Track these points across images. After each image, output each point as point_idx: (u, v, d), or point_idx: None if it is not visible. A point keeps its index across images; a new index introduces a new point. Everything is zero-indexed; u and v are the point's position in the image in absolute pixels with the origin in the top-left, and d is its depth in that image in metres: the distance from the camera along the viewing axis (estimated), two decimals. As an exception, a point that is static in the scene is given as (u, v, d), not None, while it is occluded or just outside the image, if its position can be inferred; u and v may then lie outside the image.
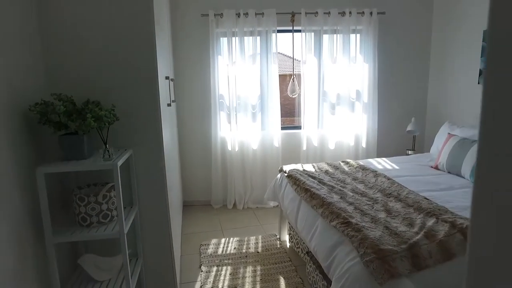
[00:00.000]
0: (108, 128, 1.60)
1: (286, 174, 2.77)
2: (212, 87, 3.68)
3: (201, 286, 2.40)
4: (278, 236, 3.10)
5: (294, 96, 3.82)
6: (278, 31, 3.68)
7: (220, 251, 2.89)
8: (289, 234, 2.94)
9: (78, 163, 1.47)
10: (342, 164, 3.00)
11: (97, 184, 1.74)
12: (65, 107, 1.43)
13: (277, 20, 3.60)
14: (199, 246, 2.99)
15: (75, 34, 1.71)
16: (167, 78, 2.43)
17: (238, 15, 3.55)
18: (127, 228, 1.61)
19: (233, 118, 3.76)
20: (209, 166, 3.90)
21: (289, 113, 4.80)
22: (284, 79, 4.16)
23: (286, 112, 5.03)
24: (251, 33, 3.64)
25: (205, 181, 3.96)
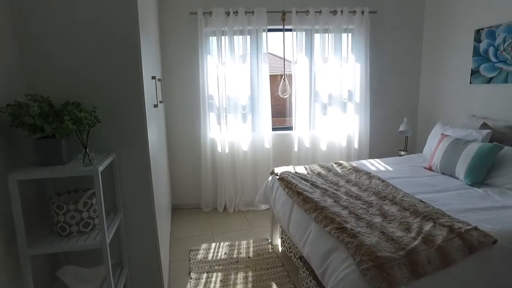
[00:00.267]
0: (89, 131, 1.50)
1: (278, 177, 2.69)
2: (202, 88, 3.59)
3: (191, 295, 2.31)
4: (270, 240, 3.02)
5: (285, 97, 3.75)
6: (269, 30, 3.60)
7: (210, 257, 2.79)
8: (281, 238, 2.86)
9: (55, 169, 1.37)
10: (335, 166, 2.94)
11: (78, 190, 1.63)
12: (41, 109, 1.32)
13: (268, 19, 3.52)
14: (189, 252, 2.89)
15: (54, 32, 1.60)
16: (154, 78, 2.33)
17: (228, 14, 3.46)
18: (110, 237, 1.51)
19: (223, 119, 3.67)
20: (199, 169, 3.80)
21: (280, 114, 4.73)
22: (275, 79, 4.09)
23: (277, 113, 4.95)
24: (241, 32, 3.55)
25: (195, 184, 3.87)
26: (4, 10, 1.50)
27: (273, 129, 3.86)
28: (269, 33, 3.62)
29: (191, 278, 2.48)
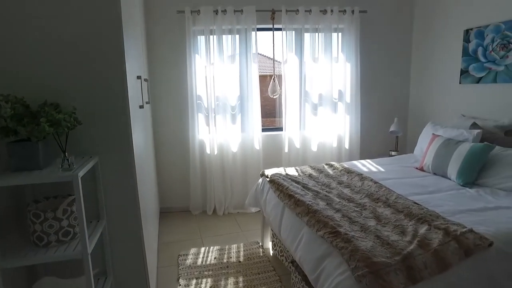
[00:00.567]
0: (68, 134, 1.40)
1: (268, 179, 2.63)
2: (190, 88, 3.50)
3: (179, 302, 2.22)
4: (261, 244, 2.96)
5: (275, 97, 3.69)
6: (258, 30, 3.54)
7: (200, 262, 2.71)
8: (272, 242, 2.80)
9: (31, 175, 1.28)
10: (326, 167, 2.89)
11: (58, 197, 1.54)
12: (14, 110, 1.23)
13: (257, 18, 3.46)
14: (177, 257, 2.80)
15: (31, 29, 1.51)
16: (139, 78, 2.24)
17: (216, 12, 3.39)
18: (92, 246, 1.42)
19: (212, 120, 3.59)
20: (187, 171, 3.71)
21: (269, 114, 4.67)
22: (264, 80, 4.02)
23: (266, 113, 4.90)
24: (230, 31, 3.48)
25: (183, 186, 3.77)
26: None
27: (263, 130, 3.80)
28: (259, 33, 3.56)
29: (180, 285, 2.40)
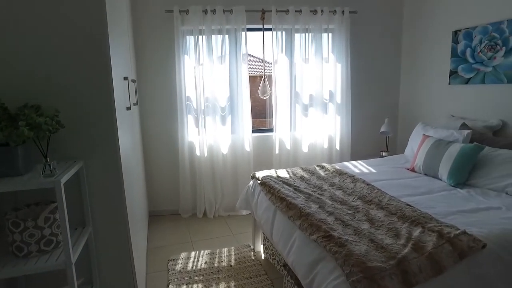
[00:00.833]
0: (49, 138, 1.34)
1: (259, 182, 2.59)
2: (178, 89, 3.43)
3: (169, 309, 2.16)
4: (252, 247, 2.91)
5: (265, 98, 3.65)
6: (248, 30, 3.49)
7: (190, 267, 2.65)
8: (264, 245, 2.76)
9: (10, 182, 1.21)
10: (318, 169, 2.87)
11: (40, 203, 1.47)
12: (-10, 113, 1.16)
13: (247, 18, 3.42)
14: (167, 262, 2.74)
15: (11, 25, 1.43)
16: (126, 79, 2.17)
17: (205, 12, 3.33)
18: (76, 255, 1.35)
19: (201, 122, 3.53)
20: (177, 173, 3.64)
21: (259, 115, 4.62)
22: (255, 80, 3.98)
23: (256, 113, 4.85)
24: (219, 31, 3.43)
25: (173, 189, 3.70)
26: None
27: (254, 131, 3.76)
28: (248, 33, 3.52)
29: (170, 291, 2.34)
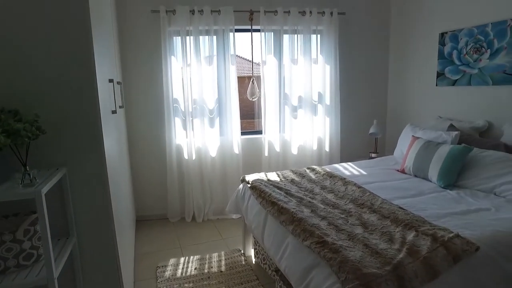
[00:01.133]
0: (29, 145, 1.26)
1: (250, 185, 2.54)
2: (165, 91, 3.36)
3: (158, 319, 2.09)
4: (243, 251, 2.87)
5: (254, 100, 3.61)
6: (236, 31, 3.45)
7: (180, 273, 2.59)
8: (255, 249, 2.71)
9: (-14, 192, 1.13)
10: (308, 171, 2.84)
11: (20, 214, 1.38)
12: (-36, 120, 1.08)
13: (235, 19, 3.37)
14: (156, 269, 2.66)
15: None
16: (111, 81, 2.10)
17: (193, 12, 3.27)
18: (59, 268, 1.28)
19: (189, 124, 3.46)
20: (164, 177, 3.56)
21: (248, 115, 4.57)
22: (243, 81, 3.94)
23: (245, 114, 4.81)
24: (207, 32, 3.37)
25: (160, 193, 3.62)
26: None
27: (242, 134, 3.72)
28: (237, 34, 3.47)
29: (158, 300, 2.27)
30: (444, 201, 2.13)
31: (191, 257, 2.82)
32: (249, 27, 3.46)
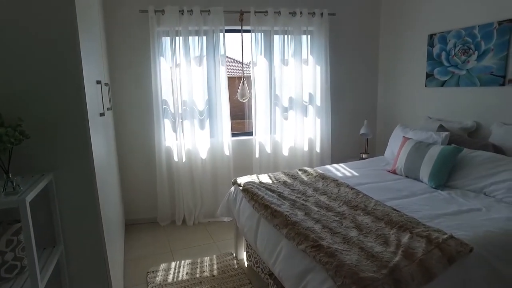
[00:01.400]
0: (11, 150, 1.20)
1: (242, 188, 2.51)
2: (154, 92, 3.30)
3: (149, 327, 2.04)
4: (235, 255, 2.83)
5: (245, 101, 3.58)
6: (226, 31, 3.41)
7: (171, 279, 2.53)
8: (247, 252, 2.68)
9: (-34, 202, 1.07)
10: (300, 173, 2.82)
11: (2, 223, 1.32)
12: None
13: (225, 19, 3.33)
14: (146, 274, 2.60)
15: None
16: (99, 83, 2.04)
17: (182, 12, 3.22)
18: (45, 280, 1.22)
19: (179, 126, 3.41)
20: (154, 180, 3.50)
21: (238, 116, 4.53)
22: (233, 82, 3.90)
23: (235, 115, 4.77)
24: (197, 33, 3.32)
25: (150, 197, 3.55)
26: None
27: (233, 135, 3.68)
28: (227, 34, 3.44)
29: (149, 307, 2.21)
30: (436, 202, 2.14)
31: (182, 261, 2.77)
32: (239, 28, 3.43)
